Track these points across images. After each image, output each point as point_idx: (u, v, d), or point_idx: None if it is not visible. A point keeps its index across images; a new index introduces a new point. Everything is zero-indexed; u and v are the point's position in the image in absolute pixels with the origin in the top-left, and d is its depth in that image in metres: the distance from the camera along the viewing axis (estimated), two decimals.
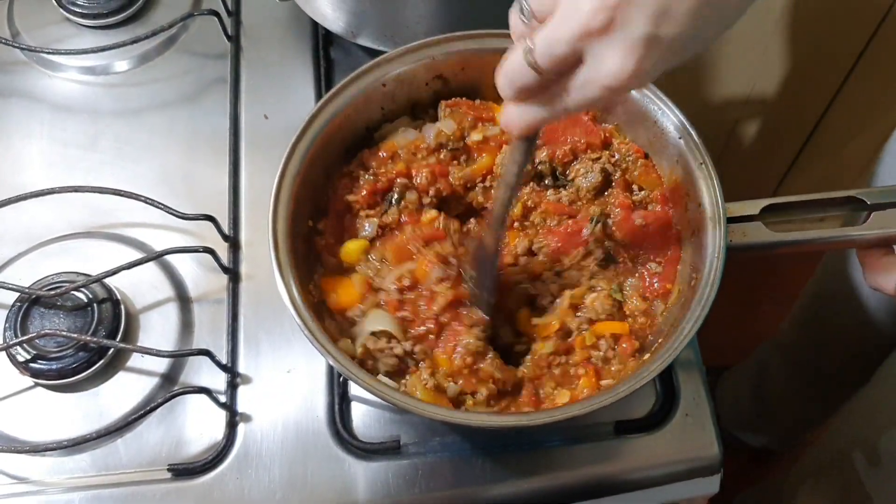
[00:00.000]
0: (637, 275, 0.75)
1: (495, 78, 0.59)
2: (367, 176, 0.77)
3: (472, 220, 0.79)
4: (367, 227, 0.76)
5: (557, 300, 0.74)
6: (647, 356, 0.69)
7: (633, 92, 0.76)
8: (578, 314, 0.73)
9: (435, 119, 0.81)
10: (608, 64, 0.52)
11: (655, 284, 0.74)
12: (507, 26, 0.77)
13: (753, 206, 0.70)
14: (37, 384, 0.78)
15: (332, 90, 0.75)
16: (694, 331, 0.64)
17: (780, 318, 1.49)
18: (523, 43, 0.55)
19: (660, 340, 0.70)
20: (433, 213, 0.76)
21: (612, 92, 0.54)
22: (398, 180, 0.77)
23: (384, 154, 0.78)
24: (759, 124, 1.57)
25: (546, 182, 0.79)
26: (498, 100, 0.81)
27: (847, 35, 1.36)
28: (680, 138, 0.73)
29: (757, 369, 1.61)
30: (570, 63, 0.54)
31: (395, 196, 0.77)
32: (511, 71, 0.57)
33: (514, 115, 0.59)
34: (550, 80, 0.56)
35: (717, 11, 0.53)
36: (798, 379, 1.47)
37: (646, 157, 0.78)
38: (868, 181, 1.10)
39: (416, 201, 0.77)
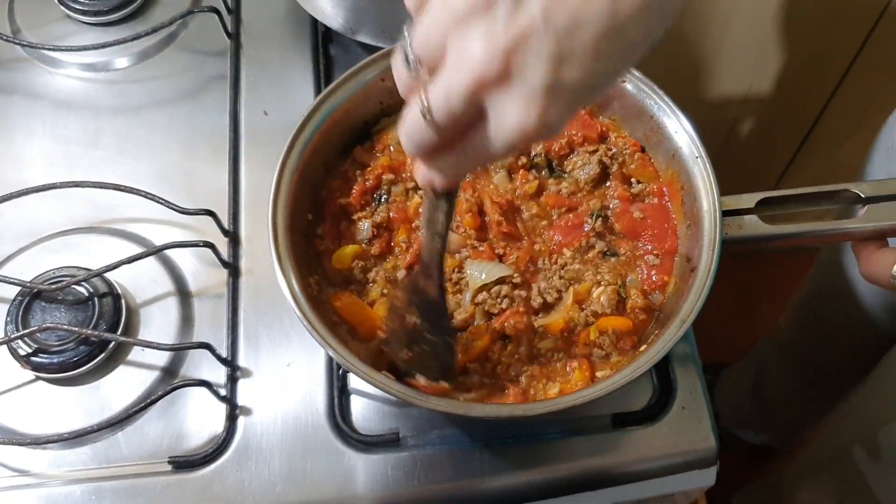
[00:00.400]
0: (637, 268, 0.76)
1: (399, 136, 0.54)
2: (358, 175, 0.78)
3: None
4: (364, 228, 0.77)
5: (563, 295, 0.74)
6: (643, 347, 0.70)
7: (630, 87, 0.76)
8: (584, 308, 0.73)
9: None
10: (510, 118, 0.48)
11: (654, 277, 0.74)
12: None
13: (749, 200, 0.71)
14: (38, 378, 0.79)
15: (331, 85, 0.75)
16: (690, 321, 0.65)
17: (779, 317, 1.50)
18: (416, 98, 0.50)
19: (656, 332, 0.70)
20: (418, 199, 0.77)
21: (521, 142, 0.49)
22: (384, 176, 0.77)
23: (377, 150, 0.79)
24: (757, 123, 1.57)
25: (543, 173, 0.79)
26: None
27: (844, 33, 1.36)
28: (676, 133, 0.74)
29: (756, 367, 1.61)
30: (471, 116, 0.49)
31: (383, 193, 0.77)
32: (411, 131, 0.52)
33: (429, 176, 0.55)
34: (454, 135, 0.52)
35: (619, 45, 0.47)
36: (797, 376, 1.47)
37: (642, 150, 0.79)
38: (861, 176, 1.10)
39: (402, 193, 0.77)
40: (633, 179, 0.79)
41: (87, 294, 0.80)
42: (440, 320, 0.68)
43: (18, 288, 0.80)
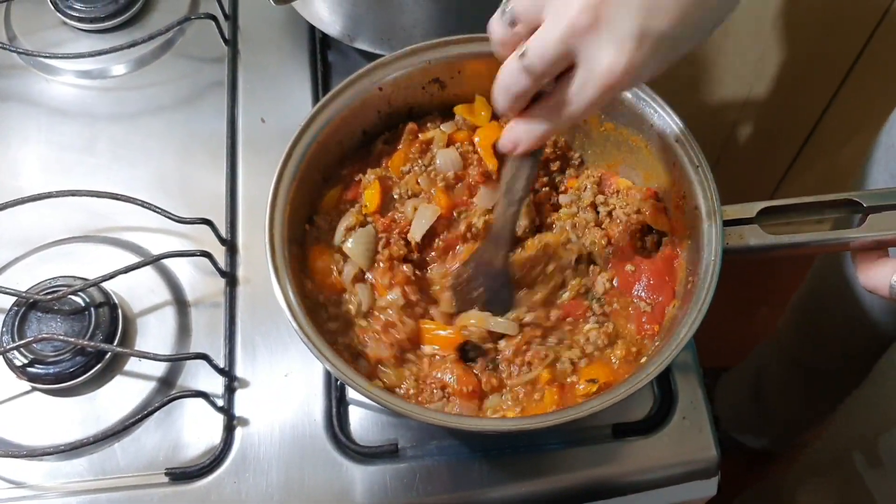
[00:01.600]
0: (628, 320, 0.75)
1: (492, 94, 0.59)
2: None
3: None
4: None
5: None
6: (644, 359, 0.69)
7: (629, 95, 0.76)
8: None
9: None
10: (601, 62, 0.53)
11: (646, 326, 0.74)
12: None
13: (750, 209, 0.70)
14: (34, 388, 0.78)
15: (329, 94, 0.75)
16: (691, 334, 0.64)
17: (778, 320, 1.49)
18: (510, 51, 0.56)
19: (657, 343, 0.70)
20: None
21: (609, 90, 0.55)
22: None
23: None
24: (757, 127, 1.57)
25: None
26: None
27: (844, 37, 1.36)
28: (676, 141, 0.73)
29: (755, 371, 1.61)
30: (563, 65, 0.55)
31: None
32: (506, 77, 0.58)
33: (520, 132, 0.60)
34: (547, 88, 0.57)
35: (706, 4, 0.53)
36: (796, 379, 1.47)
37: (657, 199, 0.78)
38: (858, 180, 1.10)
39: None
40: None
41: (83, 304, 0.79)
42: (501, 294, 0.72)
43: (14, 298, 0.79)
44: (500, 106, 0.60)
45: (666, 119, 0.74)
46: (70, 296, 0.79)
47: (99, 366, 0.78)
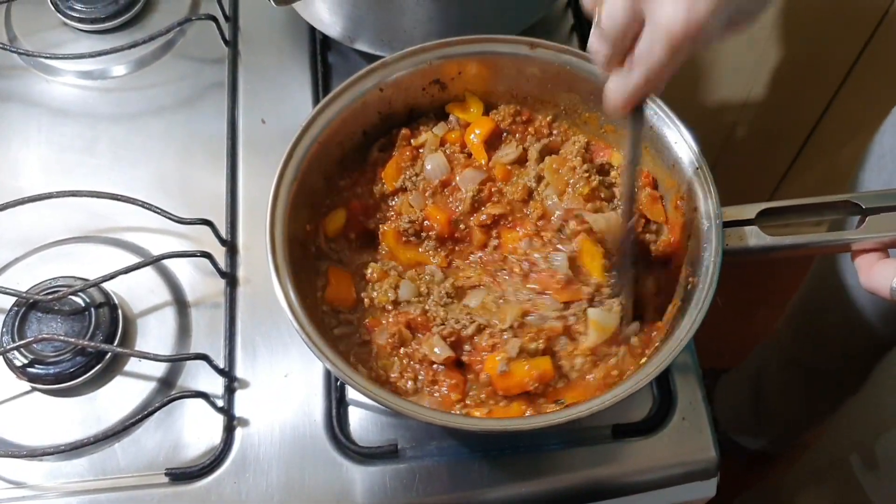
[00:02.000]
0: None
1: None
2: None
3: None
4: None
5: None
6: (644, 360, 0.69)
7: None
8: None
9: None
10: (663, 14, 0.54)
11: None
12: (503, 31, 0.78)
13: (750, 211, 0.71)
14: (34, 389, 0.78)
15: (330, 95, 0.75)
16: (691, 335, 0.65)
17: (778, 321, 1.49)
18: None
19: (657, 344, 0.70)
20: None
21: (674, 45, 0.55)
22: None
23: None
24: (757, 128, 1.57)
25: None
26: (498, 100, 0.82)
27: (843, 39, 1.36)
28: (676, 143, 0.74)
29: (754, 372, 1.61)
30: (636, 27, 0.57)
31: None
32: (591, 46, 0.61)
33: (613, 92, 0.62)
34: (625, 49, 0.59)
35: None
36: (795, 380, 1.47)
37: (654, 186, 0.79)
38: (851, 188, 1.10)
39: None
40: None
41: (83, 304, 0.79)
42: (627, 258, 0.73)
43: (14, 298, 0.79)
44: (600, 71, 0.62)
45: (665, 121, 0.74)
46: (70, 296, 0.79)
47: (99, 366, 0.78)
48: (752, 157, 1.65)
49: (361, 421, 0.78)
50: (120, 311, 0.80)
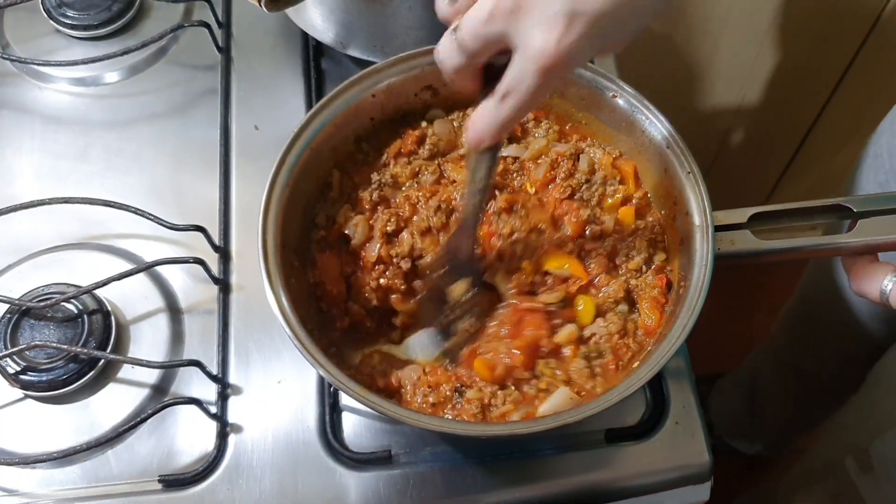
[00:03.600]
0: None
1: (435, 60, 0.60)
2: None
3: None
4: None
5: None
6: (636, 364, 0.69)
7: (622, 102, 0.76)
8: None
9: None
10: (532, 43, 0.53)
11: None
12: None
13: (741, 215, 0.71)
14: (27, 396, 0.78)
15: (322, 101, 0.75)
16: (683, 339, 0.65)
17: (772, 326, 1.50)
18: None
19: (649, 348, 0.70)
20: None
21: (546, 73, 0.54)
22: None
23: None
24: (750, 134, 1.58)
25: None
26: None
27: (837, 44, 1.37)
28: (667, 147, 0.74)
29: (749, 376, 1.61)
30: (497, 46, 0.55)
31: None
32: (442, 51, 0.58)
33: (479, 127, 0.60)
34: (479, 63, 0.57)
35: None
36: (789, 384, 1.47)
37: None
38: (847, 189, 1.10)
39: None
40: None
41: (76, 311, 0.79)
42: (468, 274, 0.73)
43: (7, 305, 0.79)
44: (446, 78, 0.60)
45: (657, 125, 0.75)
46: (63, 303, 0.79)
47: (92, 373, 0.78)
48: (746, 162, 1.65)
49: (355, 427, 0.78)
50: (113, 318, 0.80)
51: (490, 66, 0.59)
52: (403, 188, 0.79)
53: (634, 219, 0.77)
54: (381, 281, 0.75)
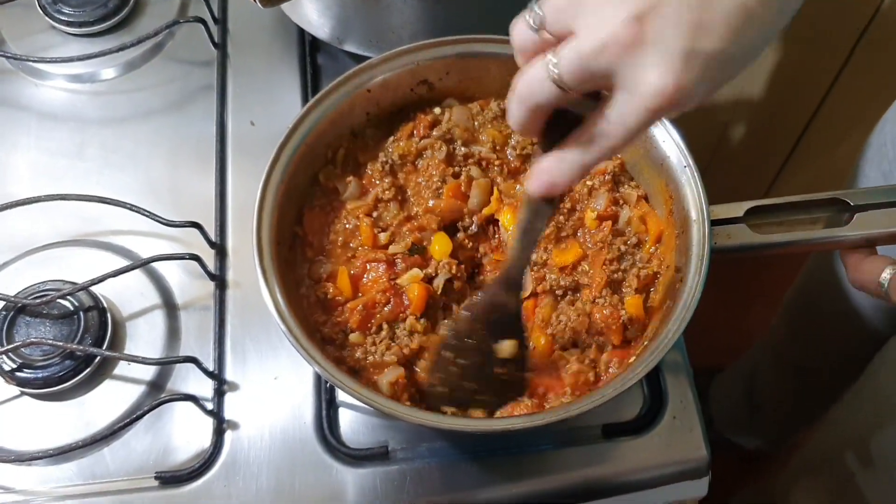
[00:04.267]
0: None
1: (507, 105, 0.55)
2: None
3: None
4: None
5: None
6: (633, 358, 0.69)
7: None
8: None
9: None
10: (646, 83, 0.48)
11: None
12: (491, 31, 0.78)
13: (738, 209, 0.71)
14: (23, 393, 0.78)
15: (317, 96, 0.75)
16: (679, 333, 0.64)
17: (771, 320, 1.49)
18: (539, 58, 0.51)
19: (646, 343, 0.70)
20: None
21: (654, 114, 0.50)
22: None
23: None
24: (749, 128, 1.57)
25: None
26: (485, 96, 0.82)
27: (835, 37, 1.36)
28: (664, 142, 0.74)
29: (748, 370, 1.61)
30: (596, 83, 0.51)
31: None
32: (529, 86, 0.52)
33: (554, 171, 0.55)
34: (575, 110, 0.53)
35: (758, 22, 0.49)
36: (789, 378, 1.47)
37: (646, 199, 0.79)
38: (851, 179, 1.10)
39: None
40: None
41: (72, 308, 0.79)
42: (514, 333, 0.66)
43: (2, 303, 0.79)
44: (516, 119, 0.54)
45: None
46: (59, 300, 0.79)
47: (88, 370, 0.78)
48: (745, 156, 1.65)
49: (352, 423, 0.78)
50: (109, 315, 0.80)
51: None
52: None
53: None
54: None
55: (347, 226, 0.77)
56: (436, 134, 0.80)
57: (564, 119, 0.55)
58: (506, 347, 0.66)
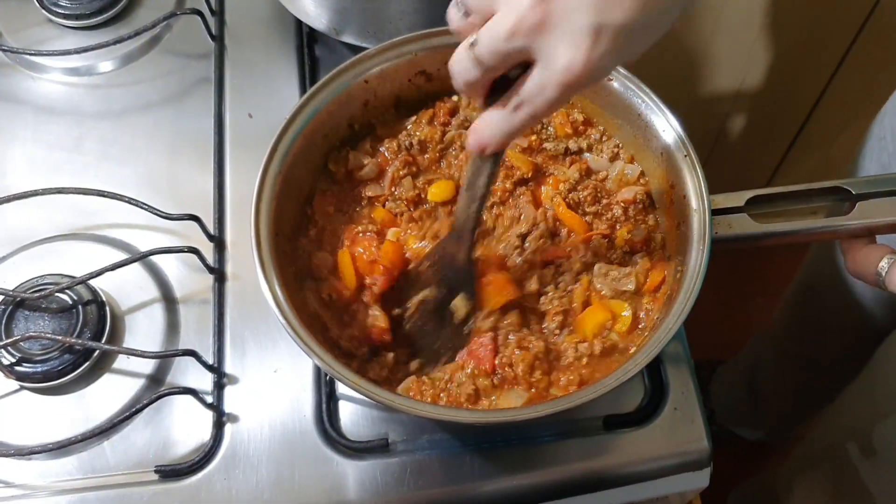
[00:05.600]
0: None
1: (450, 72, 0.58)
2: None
3: None
4: None
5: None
6: (633, 349, 0.69)
7: (617, 85, 0.75)
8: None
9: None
10: (557, 60, 0.52)
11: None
12: None
13: (738, 198, 0.70)
14: (22, 387, 0.78)
15: (314, 87, 0.74)
16: (680, 323, 0.64)
17: (773, 312, 1.49)
18: (468, 39, 0.55)
19: (646, 333, 0.70)
20: None
21: (569, 88, 0.53)
22: None
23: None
24: (750, 119, 1.57)
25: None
26: None
27: (836, 27, 1.36)
28: (664, 131, 0.73)
29: (750, 362, 1.61)
30: (516, 59, 0.54)
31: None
32: (457, 65, 0.57)
33: (485, 134, 0.59)
34: (511, 75, 0.56)
35: None
36: (791, 370, 1.47)
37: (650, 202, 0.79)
38: (851, 171, 1.10)
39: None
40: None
41: (70, 302, 0.79)
42: (464, 288, 0.71)
43: (1, 297, 0.78)
44: (457, 88, 0.59)
45: (654, 108, 0.74)
46: (57, 294, 0.78)
47: (87, 364, 0.77)
48: (746, 148, 1.65)
49: (352, 415, 0.78)
50: (108, 309, 0.80)
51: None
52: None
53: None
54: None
55: (360, 211, 0.78)
56: (455, 122, 0.80)
57: (507, 81, 0.57)
58: (459, 306, 0.72)
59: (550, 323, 0.73)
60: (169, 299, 0.82)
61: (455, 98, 0.82)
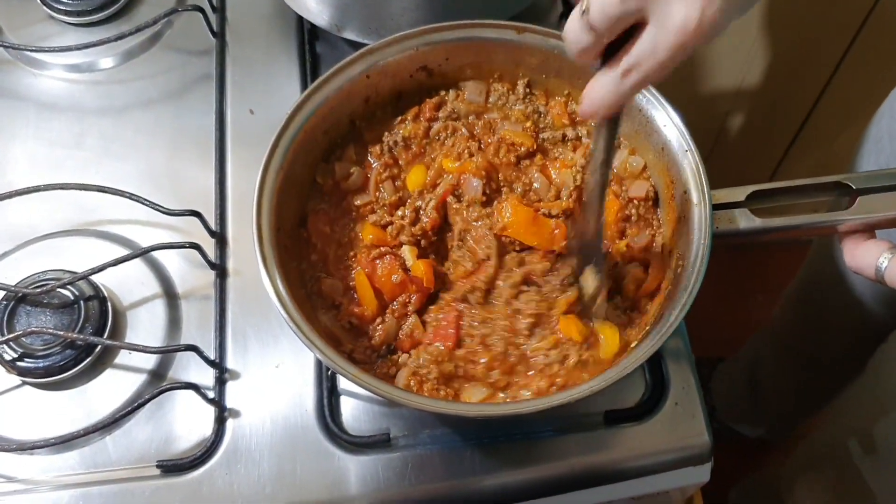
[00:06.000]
0: None
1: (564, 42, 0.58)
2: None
3: None
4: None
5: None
6: (634, 343, 0.69)
7: None
8: None
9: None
10: (672, 17, 0.51)
11: None
12: (490, 17, 0.78)
13: (739, 193, 0.70)
14: (24, 383, 0.78)
15: (316, 83, 0.75)
16: (681, 317, 0.64)
17: (774, 309, 1.49)
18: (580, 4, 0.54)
19: (647, 328, 0.70)
20: None
21: (683, 48, 0.52)
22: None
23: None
24: (751, 116, 1.57)
25: None
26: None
27: (837, 25, 1.36)
28: (665, 126, 0.73)
29: (751, 359, 1.61)
30: (629, 22, 0.53)
31: None
32: (570, 33, 0.56)
33: (595, 99, 0.58)
34: (608, 42, 0.55)
35: None
36: (791, 367, 1.47)
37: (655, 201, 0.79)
38: (851, 167, 1.10)
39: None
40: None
41: (72, 297, 0.79)
42: (594, 259, 0.71)
43: (3, 292, 0.79)
44: (571, 56, 0.58)
45: (654, 104, 0.74)
46: (59, 289, 0.79)
47: (89, 359, 0.78)
48: (747, 146, 1.65)
49: (353, 410, 0.78)
50: (109, 304, 0.80)
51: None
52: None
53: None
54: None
55: (353, 227, 0.78)
56: (442, 115, 0.80)
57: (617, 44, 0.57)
58: (589, 280, 0.72)
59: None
60: (170, 295, 0.82)
61: (442, 93, 0.82)
